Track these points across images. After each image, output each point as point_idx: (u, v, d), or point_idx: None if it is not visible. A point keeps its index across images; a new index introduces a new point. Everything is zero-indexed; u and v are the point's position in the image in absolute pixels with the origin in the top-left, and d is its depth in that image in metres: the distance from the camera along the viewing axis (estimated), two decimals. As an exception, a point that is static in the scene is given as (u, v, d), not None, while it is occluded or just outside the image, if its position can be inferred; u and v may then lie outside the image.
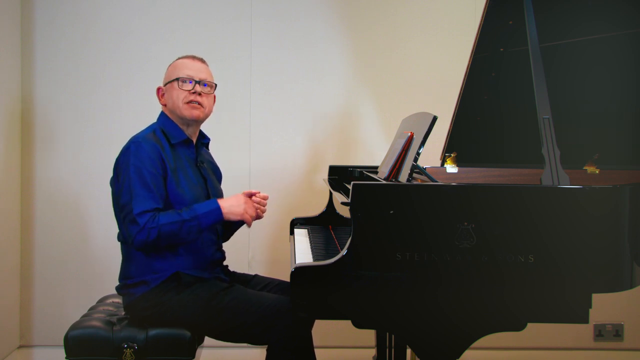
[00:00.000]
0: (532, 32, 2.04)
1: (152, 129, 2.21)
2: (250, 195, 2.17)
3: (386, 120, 3.27)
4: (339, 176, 2.86)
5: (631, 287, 1.80)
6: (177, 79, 2.19)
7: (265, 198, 2.20)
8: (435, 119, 1.98)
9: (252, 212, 2.15)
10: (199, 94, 2.19)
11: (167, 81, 2.24)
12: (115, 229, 2.22)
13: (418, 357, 1.79)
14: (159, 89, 2.26)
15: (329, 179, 2.86)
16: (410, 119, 2.36)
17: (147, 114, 3.20)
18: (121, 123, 3.20)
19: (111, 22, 3.22)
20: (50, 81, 3.20)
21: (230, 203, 2.12)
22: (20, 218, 3.21)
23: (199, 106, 2.19)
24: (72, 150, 3.21)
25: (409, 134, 2.09)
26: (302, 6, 3.28)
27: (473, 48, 2.35)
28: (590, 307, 1.75)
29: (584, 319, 1.75)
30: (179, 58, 2.27)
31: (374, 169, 2.68)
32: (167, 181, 2.10)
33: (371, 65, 3.30)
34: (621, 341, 3.32)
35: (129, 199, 2.03)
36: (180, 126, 2.23)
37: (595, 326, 3.31)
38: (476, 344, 1.78)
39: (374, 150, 3.26)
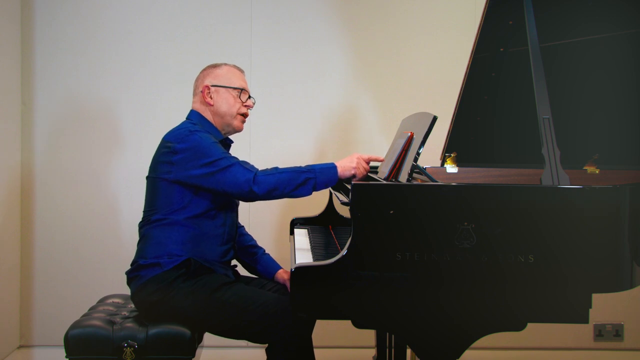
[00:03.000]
0: (532, 32, 2.04)
1: (190, 123, 2.23)
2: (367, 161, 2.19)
3: (386, 120, 3.28)
4: (339, 176, 2.86)
5: (631, 287, 1.80)
6: (241, 90, 2.26)
7: (379, 160, 2.25)
8: (435, 119, 1.98)
9: (362, 167, 2.15)
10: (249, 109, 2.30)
11: (222, 84, 2.26)
12: (115, 229, 2.22)
13: (418, 357, 1.80)
14: (207, 87, 2.26)
15: (329, 179, 2.85)
16: (410, 119, 2.36)
17: (147, 114, 3.22)
18: (121, 122, 3.21)
19: (111, 22, 3.22)
20: (50, 81, 3.20)
21: (344, 161, 2.15)
22: (20, 217, 3.21)
23: (245, 120, 2.31)
24: (72, 150, 3.21)
25: (409, 134, 2.09)
26: (302, 6, 3.28)
27: (473, 48, 2.35)
28: (590, 307, 1.75)
29: (584, 319, 1.75)
30: (229, 65, 2.31)
31: (374, 169, 2.68)
32: None
33: (371, 65, 3.30)
34: (621, 341, 3.32)
35: (228, 160, 2.08)
36: (218, 128, 2.28)
37: (595, 326, 3.31)
38: (476, 344, 1.78)
39: (374, 150, 3.26)
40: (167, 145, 2.14)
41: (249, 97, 2.31)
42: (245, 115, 2.30)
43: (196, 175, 2.08)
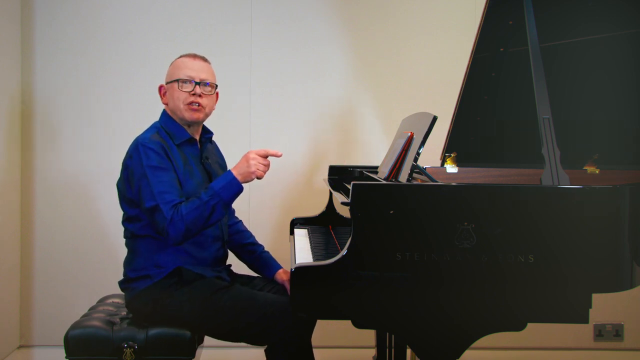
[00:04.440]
0: (532, 32, 2.04)
1: (155, 128, 2.21)
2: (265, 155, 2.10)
3: (386, 120, 3.27)
4: (339, 176, 2.86)
5: (631, 287, 1.80)
6: (178, 80, 2.18)
7: (277, 155, 2.12)
8: (435, 119, 1.98)
9: (262, 167, 2.07)
10: (199, 95, 2.18)
11: (168, 80, 2.23)
12: (114, 229, 2.22)
13: (418, 357, 1.79)
14: (161, 87, 2.26)
15: (329, 179, 2.85)
16: (410, 119, 2.35)
17: (147, 113, 3.20)
18: (121, 122, 3.21)
19: (111, 22, 3.22)
20: (50, 80, 3.20)
21: (240, 168, 2.06)
22: (20, 218, 3.21)
23: (199, 107, 2.19)
24: (72, 150, 3.21)
25: (409, 134, 2.09)
26: (302, 6, 3.28)
27: (473, 48, 2.35)
28: (590, 307, 1.75)
29: (584, 319, 1.75)
30: (181, 56, 2.26)
31: (374, 169, 2.68)
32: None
33: (371, 65, 3.30)
34: (621, 341, 3.32)
35: (153, 200, 2.01)
36: (182, 125, 2.23)
37: (595, 326, 3.31)
38: (476, 344, 1.78)
39: (374, 150, 3.26)
40: (127, 155, 2.14)
41: (197, 84, 2.17)
42: (193, 103, 2.17)
43: (141, 206, 2.07)
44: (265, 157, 2.09)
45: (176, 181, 2.08)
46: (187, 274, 2.11)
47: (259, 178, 2.07)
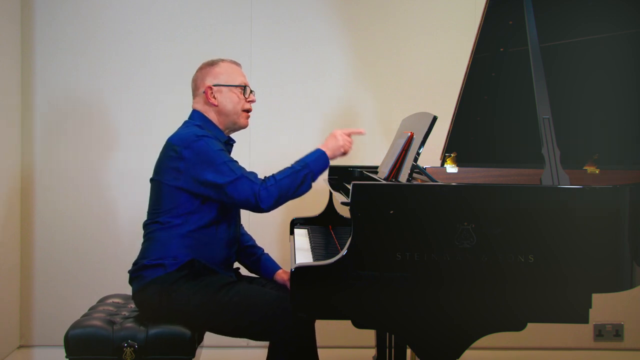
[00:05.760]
0: (532, 32, 2.04)
1: (194, 125, 2.20)
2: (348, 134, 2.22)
3: (386, 120, 3.27)
4: (339, 176, 2.86)
5: (631, 287, 1.80)
6: (244, 87, 2.24)
7: (360, 133, 2.26)
8: (435, 119, 1.98)
9: (348, 143, 2.19)
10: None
11: (224, 83, 2.23)
12: (115, 229, 2.22)
13: (418, 357, 1.79)
14: (209, 87, 2.22)
15: (329, 179, 2.85)
16: (410, 119, 2.36)
17: (147, 113, 3.22)
18: (121, 122, 3.21)
19: (111, 22, 3.22)
20: (50, 80, 3.20)
21: (329, 144, 2.17)
22: (20, 217, 3.21)
23: (249, 115, 2.30)
24: (73, 150, 3.21)
25: (409, 134, 2.09)
26: (302, 6, 3.28)
27: (473, 48, 2.35)
28: (590, 307, 1.75)
29: (584, 319, 1.75)
30: (229, 62, 2.28)
31: (374, 169, 2.68)
32: None
33: (371, 65, 3.30)
34: (621, 341, 3.32)
35: (233, 174, 2.04)
36: (221, 127, 2.25)
37: (595, 326, 3.31)
38: (476, 344, 1.78)
39: (374, 150, 3.26)
40: (174, 149, 2.10)
41: (251, 91, 2.29)
42: (249, 111, 2.29)
43: (203, 186, 2.07)
44: (350, 135, 2.21)
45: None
46: (199, 267, 2.12)
47: (344, 153, 2.18)
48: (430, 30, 3.29)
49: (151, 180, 2.21)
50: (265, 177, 2.07)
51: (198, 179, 2.06)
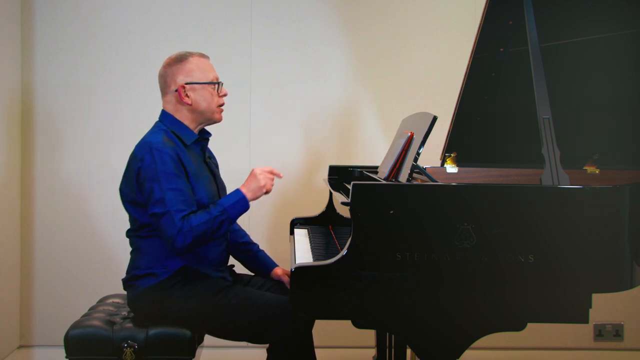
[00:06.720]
0: (532, 32, 2.04)
1: (162, 130, 2.16)
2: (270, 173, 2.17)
3: (386, 120, 3.27)
4: (339, 176, 2.86)
5: (631, 287, 1.80)
6: (217, 84, 2.19)
7: (279, 176, 2.19)
8: (435, 119, 1.98)
9: (270, 181, 2.14)
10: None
11: (196, 81, 2.16)
12: (115, 229, 2.22)
13: (418, 357, 1.80)
14: (182, 87, 2.15)
15: (329, 178, 2.86)
16: (410, 119, 2.36)
17: (147, 113, 3.20)
18: (121, 122, 3.21)
19: (111, 22, 3.22)
20: (50, 80, 3.20)
21: (250, 185, 2.12)
22: (20, 217, 3.21)
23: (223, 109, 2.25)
24: (73, 150, 3.21)
25: (409, 134, 2.09)
26: (302, 6, 3.28)
27: (473, 48, 2.35)
28: (590, 307, 1.75)
29: (584, 319, 1.75)
30: (198, 55, 2.20)
31: (374, 169, 2.68)
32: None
33: (371, 65, 3.30)
34: (621, 341, 3.32)
35: (163, 207, 2.00)
36: (190, 126, 2.20)
37: (595, 326, 3.31)
38: (476, 344, 1.78)
39: (374, 150, 3.26)
40: (136, 158, 2.09)
41: (222, 84, 2.22)
42: (222, 105, 2.23)
43: (148, 210, 2.05)
44: (271, 173, 2.15)
45: (189, 189, 2.06)
46: (192, 273, 2.11)
47: (267, 192, 2.14)
48: (430, 30, 3.29)
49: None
50: (183, 216, 1.99)
51: (146, 201, 2.05)
